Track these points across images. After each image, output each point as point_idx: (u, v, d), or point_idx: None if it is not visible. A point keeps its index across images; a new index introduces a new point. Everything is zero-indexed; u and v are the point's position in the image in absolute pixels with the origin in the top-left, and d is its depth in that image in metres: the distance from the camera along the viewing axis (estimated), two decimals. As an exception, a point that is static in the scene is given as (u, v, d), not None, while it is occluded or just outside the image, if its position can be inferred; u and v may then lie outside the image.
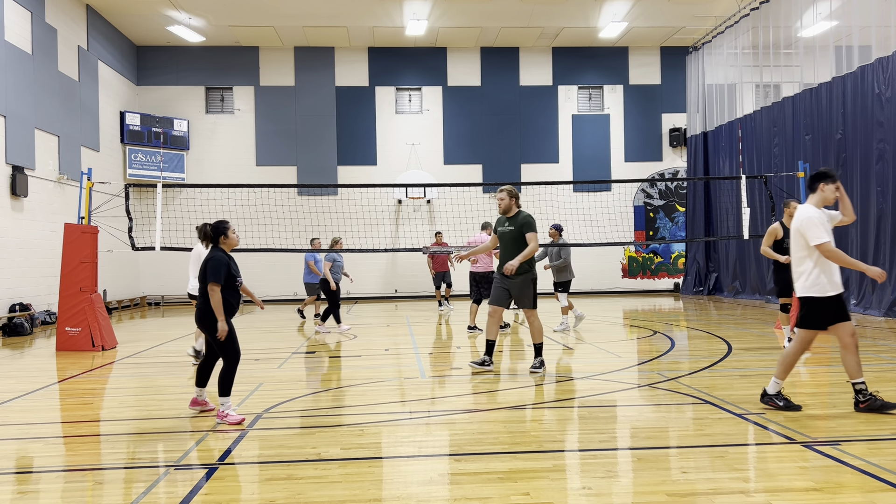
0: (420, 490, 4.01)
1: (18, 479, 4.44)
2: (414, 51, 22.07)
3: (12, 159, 14.22)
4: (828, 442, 4.78)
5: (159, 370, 8.68)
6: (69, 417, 6.21)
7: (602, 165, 22.40)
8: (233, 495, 3.97)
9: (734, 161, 19.25)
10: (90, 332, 10.33)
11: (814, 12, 15.85)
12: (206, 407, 6.13)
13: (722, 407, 5.88)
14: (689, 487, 3.95)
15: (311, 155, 21.74)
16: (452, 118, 22.22)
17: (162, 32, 20.26)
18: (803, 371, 7.88)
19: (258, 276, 21.34)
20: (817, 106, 15.41)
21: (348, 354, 9.80)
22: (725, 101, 19.85)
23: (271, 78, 21.81)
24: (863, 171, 13.91)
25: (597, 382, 7.21)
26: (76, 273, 10.44)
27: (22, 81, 14.66)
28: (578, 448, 4.84)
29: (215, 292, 5.71)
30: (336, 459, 4.61)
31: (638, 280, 22.42)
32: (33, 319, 14.21)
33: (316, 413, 6.12)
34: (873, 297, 13.52)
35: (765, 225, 16.88)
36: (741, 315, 14.51)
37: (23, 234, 14.63)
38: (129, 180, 19.78)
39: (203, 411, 6.11)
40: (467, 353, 9.58)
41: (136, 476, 4.37)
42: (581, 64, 22.50)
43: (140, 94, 21.43)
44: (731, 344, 9.85)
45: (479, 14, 19.36)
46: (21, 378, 8.34)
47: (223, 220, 6.06)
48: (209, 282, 5.73)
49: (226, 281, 5.78)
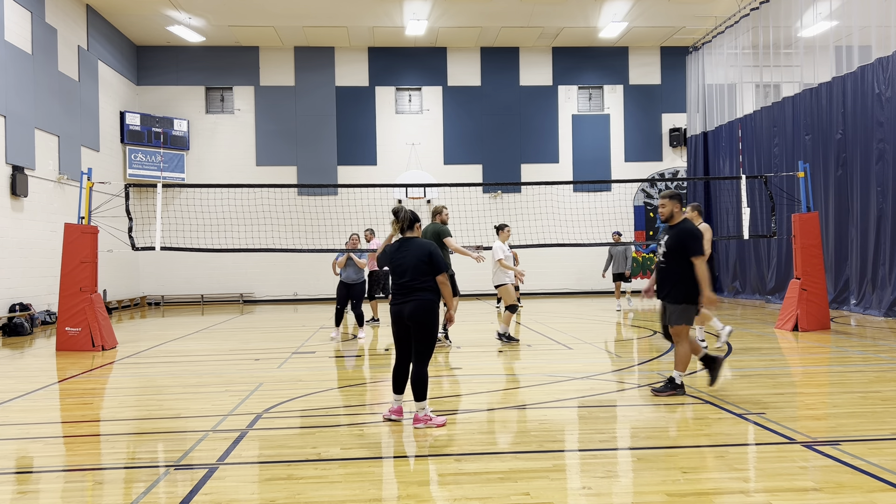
0: (420, 490, 4.01)
1: (18, 479, 4.44)
2: (414, 51, 22.07)
3: (12, 159, 14.22)
4: (828, 442, 4.78)
5: (159, 370, 8.68)
6: (69, 417, 6.20)
7: (602, 165, 22.40)
8: (233, 495, 3.96)
9: (734, 161, 19.25)
10: (90, 332, 10.33)
11: (814, 12, 15.85)
12: (400, 416, 5.58)
13: (722, 407, 5.88)
14: (689, 487, 3.95)
15: (311, 155, 21.75)
16: (452, 118, 22.22)
17: (162, 32, 20.26)
18: (803, 371, 7.88)
19: (258, 275, 21.39)
20: (817, 106, 15.40)
21: (348, 354, 9.80)
22: (725, 101, 19.85)
23: (271, 78, 21.81)
24: (863, 171, 13.90)
25: (597, 382, 7.21)
26: (76, 273, 10.44)
27: (22, 81, 14.66)
28: (578, 448, 4.84)
29: (445, 285, 5.54)
30: (336, 459, 4.61)
31: (638, 280, 22.41)
32: (33, 319, 14.21)
33: (316, 413, 6.12)
34: (873, 297, 13.52)
35: (765, 225, 16.90)
36: (741, 315, 14.50)
37: (23, 234, 14.64)
38: (129, 180, 19.79)
39: (392, 420, 5.58)
40: (468, 352, 9.58)
41: (136, 476, 4.37)
42: (581, 64, 22.50)
43: (140, 94, 21.43)
44: (730, 344, 9.84)
45: (479, 14, 19.36)
46: (21, 378, 8.34)
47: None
48: (443, 272, 5.49)
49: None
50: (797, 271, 11.41)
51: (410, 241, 5.58)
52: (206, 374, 8.32)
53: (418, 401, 5.42)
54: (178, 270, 21.12)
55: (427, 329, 5.42)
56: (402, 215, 5.60)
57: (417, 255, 5.46)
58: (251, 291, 21.40)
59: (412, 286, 5.42)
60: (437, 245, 5.79)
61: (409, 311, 5.39)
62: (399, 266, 5.51)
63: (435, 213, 10.05)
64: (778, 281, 16.79)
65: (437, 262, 5.46)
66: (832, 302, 14.32)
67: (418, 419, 5.41)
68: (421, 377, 5.43)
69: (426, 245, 5.52)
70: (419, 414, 5.41)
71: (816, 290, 11.27)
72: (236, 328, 13.98)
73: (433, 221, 10.00)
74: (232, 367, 8.76)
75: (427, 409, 5.45)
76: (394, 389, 5.66)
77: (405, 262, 5.48)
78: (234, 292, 21.38)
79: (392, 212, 5.69)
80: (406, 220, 5.58)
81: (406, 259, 5.48)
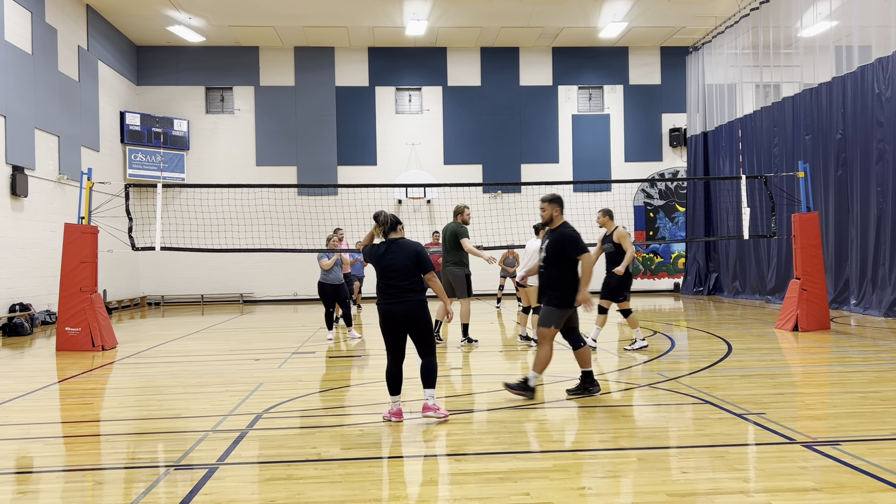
0: (420, 490, 4.01)
1: (18, 479, 4.44)
2: (414, 51, 22.07)
3: (12, 159, 14.22)
4: (828, 442, 4.78)
5: (159, 370, 8.68)
6: (69, 417, 6.20)
7: (602, 165, 22.40)
8: (233, 495, 3.96)
9: (734, 161, 19.25)
10: (90, 332, 10.33)
11: (814, 12, 15.85)
12: (400, 418, 5.59)
13: (722, 407, 5.88)
14: (689, 487, 3.95)
15: (311, 155, 21.75)
16: (452, 118, 22.22)
17: (162, 32, 20.27)
18: (803, 371, 7.89)
19: (258, 275, 21.39)
20: (817, 106, 15.41)
21: (348, 354, 9.80)
22: (725, 101, 19.85)
23: (271, 78, 21.81)
24: (863, 171, 13.90)
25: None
26: (76, 273, 10.43)
27: (22, 81, 14.66)
28: (578, 448, 4.84)
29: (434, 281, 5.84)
30: (336, 459, 4.61)
31: (638, 280, 22.41)
32: (33, 319, 14.21)
33: (316, 413, 6.12)
34: (873, 297, 13.52)
35: (765, 225, 16.89)
36: (741, 315, 14.50)
37: (23, 234, 14.64)
38: (129, 180, 19.79)
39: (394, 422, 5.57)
40: (468, 353, 9.58)
41: (136, 476, 4.37)
42: (581, 64, 22.50)
43: (140, 94, 21.43)
44: (731, 344, 9.85)
45: (479, 14, 19.36)
46: (21, 378, 8.34)
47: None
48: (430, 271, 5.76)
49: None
50: (797, 271, 11.41)
51: (397, 243, 5.67)
52: (207, 374, 8.32)
53: (428, 388, 5.61)
54: (178, 270, 21.12)
55: (424, 325, 5.61)
56: (382, 218, 5.71)
57: (406, 255, 5.59)
58: (251, 291, 21.40)
59: (403, 286, 5.55)
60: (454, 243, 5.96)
61: (403, 312, 5.53)
62: (388, 267, 5.60)
63: (456, 213, 10.14)
64: (778, 281, 16.80)
65: (425, 262, 5.63)
66: (832, 302, 14.32)
67: (428, 407, 5.59)
68: (431, 366, 5.63)
69: (413, 245, 5.66)
70: (429, 402, 5.60)
71: (816, 290, 11.27)
72: (236, 328, 13.98)
73: (454, 220, 10.09)
74: (232, 367, 8.77)
75: (435, 398, 5.66)
76: (390, 391, 5.68)
77: (394, 263, 5.58)
78: (234, 292, 21.38)
79: (373, 216, 5.77)
80: (387, 223, 5.71)
81: (395, 260, 5.58)
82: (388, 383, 5.67)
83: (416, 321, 5.55)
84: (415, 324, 5.55)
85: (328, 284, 11.13)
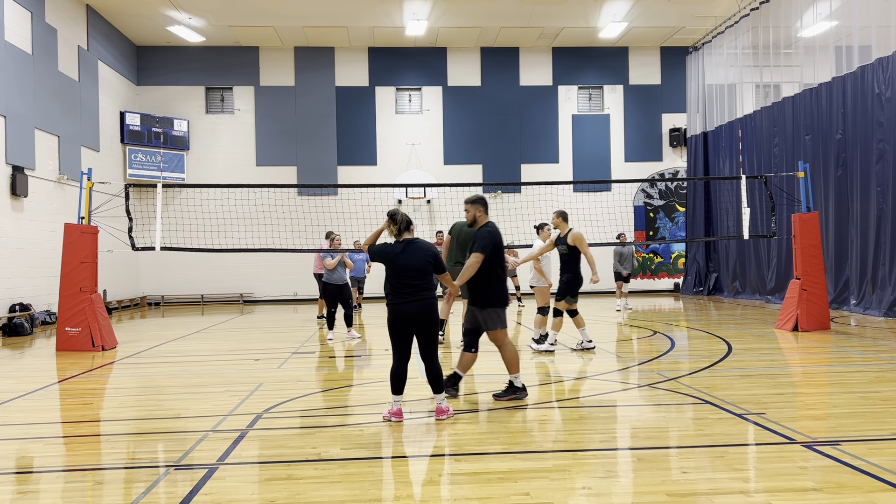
0: (420, 490, 4.01)
1: (18, 479, 4.44)
2: (414, 51, 22.07)
3: (12, 159, 14.22)
4: (828, 442, 4.78)
5: (159, 370, 8.68)
6: (69, 417, 6.20)
7: (602, 165, 22.40)
8: (233, 495, 3.96)
9: (734, 161, 19.25)
10: (90, 332, 10.33)
11: (814, 12, 15.85)
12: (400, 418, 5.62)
13: (722, 407, 5.88)
14: (689, 487, 3.95)
15: (311, 155, 21.75)
16: (452, 118, 22.22)
17: (162, 32, 20.27)
18: (803, 371, 7.89)
19: (258, 275, 21.39)
20: (817, 106, 15.41)
21: (348, 354, 9.80)
22: (725, 101, 19.85)
23: (271, 78, 21.82)
24: (863, 171, 13.90)
25: (597, 382, 7.22)
26: (76, 273, 10.43)
27: (22, 81, 14.66)
28: (578, 448, 4.84)
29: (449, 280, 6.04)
30: (336, 459, 4.61)
31: (638, 280, 22.42)
32: (33, 319, 14.21)
33: (316, 413, 6.12)
34: (873, 297, 13.52)
35: (765, 225, 16.89)
36: (741, 315, 14.50)
37: (23, 234, 14.63)
38: (129, 180, 19.79)
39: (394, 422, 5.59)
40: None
41: (136, 476, 4.37)
42: (581, 64, 22.50)
43: (140, 94, 21.43)
44: (731, 344, 9.85)
45: (479, 14, 19.36)
46: (21, 378, 8.34)
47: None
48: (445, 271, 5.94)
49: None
50: (797, 271, 11.42)
51: (415, 244, 5.76)
52: (206, 374, 8.32)
53: (438, 393, 5.74)
54: (178, 270, 21.12)
55: (433, 326, 5.72)
56: (399, 217, 5.80)
57: (423, 256, 5.70)
58: (251, 291, 21.40)
59: (418, 285, 5.64)
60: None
61: (416, 311, 5.61)
62: (405, 267, 5.66)
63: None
64: (778, 281, 16.80)
65: (441, 263, 5.80)
66: (832, 302, 14.32)
67: (441, 411, 5.70)
68: (436, 370, 5.75)
69: (429, 246, 5.79)
70: (441, 405, 5.72)
71: (816, 290, 11.27)
72: (236, 328, 13.98)
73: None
74: (232, 368, 8.77)
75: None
76: (393, 391, 5.69)
77: (413, 263, 5.67)
78: (234, 292, 21.38)
79: (388, 214, 5.84)
80: (403, 222, 5.81)
81: (413, 260, 5.67)
82: (392, 383, 5.68)
83: (427, 320, 5.65)
84: (425, 323, 5.65)
85: (332, 284, 11.26)
